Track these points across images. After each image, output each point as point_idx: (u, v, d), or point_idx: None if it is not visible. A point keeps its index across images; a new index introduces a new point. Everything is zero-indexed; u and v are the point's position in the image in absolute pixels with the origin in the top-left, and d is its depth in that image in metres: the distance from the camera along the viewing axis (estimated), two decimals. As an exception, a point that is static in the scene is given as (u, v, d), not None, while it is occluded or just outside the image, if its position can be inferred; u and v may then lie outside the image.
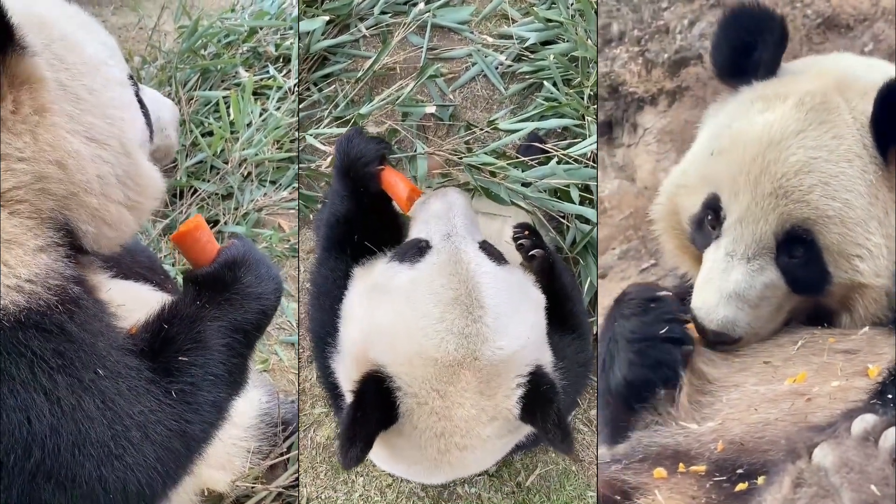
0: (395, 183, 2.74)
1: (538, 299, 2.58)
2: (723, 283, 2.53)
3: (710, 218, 2.63)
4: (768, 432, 2.32)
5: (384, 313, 2.39)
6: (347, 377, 2.47)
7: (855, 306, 2.54)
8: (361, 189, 2.77)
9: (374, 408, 2.27)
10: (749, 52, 2.72)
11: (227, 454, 2.82)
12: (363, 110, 3.35)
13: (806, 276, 2.53)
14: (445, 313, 2.29)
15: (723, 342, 2.56)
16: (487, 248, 2.51)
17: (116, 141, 2.09)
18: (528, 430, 2.52)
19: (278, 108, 4.06)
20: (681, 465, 2.33)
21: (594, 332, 3.11)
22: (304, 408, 3.23)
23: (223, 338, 2.21)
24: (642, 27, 3.84)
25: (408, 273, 2.43)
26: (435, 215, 2.57)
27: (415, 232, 2.61)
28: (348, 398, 2.37)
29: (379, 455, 2.60)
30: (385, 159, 2.81)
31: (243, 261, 2.29)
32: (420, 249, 2.47)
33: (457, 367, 2.27)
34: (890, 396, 2.27)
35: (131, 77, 2.34)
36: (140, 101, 2.33)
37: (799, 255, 2.51)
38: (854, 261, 2.47)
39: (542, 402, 2.30)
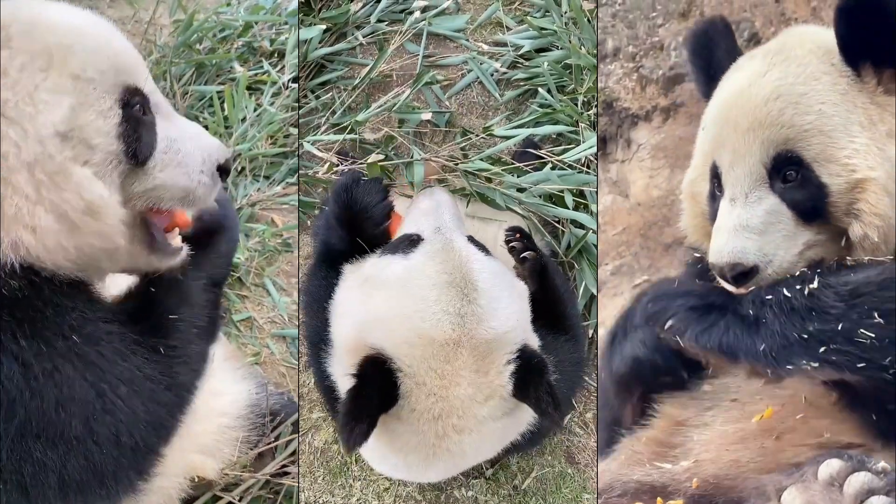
0: (399, 228, 2.74)
1: (522, 289, 2.63)
2: (728, 224, 2.54)
3: (716, 185, 2.67)
4: (741, 472, 2.40)
5: (380, 301, 2.44)
6: (343, 370, 2.50)
7: (860, 208, 2.49)
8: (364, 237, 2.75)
9: (376, 387, 2.32)
10: (714, 63, 2.82)
11: (216, 442, 2.87)
12: (360, 117, 3.37)
13: (804, 198, 2.52)
14: (441, 296, 2.36)
15: (743, 275, 2.53)
16: (474, 242, 2.56)
17: (29, 123, 1.92)
18: (522, 420, 2.59)
19: (272, 104, 4.05)
20: (658, 499, 2.40)
21: (590, 336, 3.19)
22: (301, 412, 3.25)
23: (204, 293, 2.40)
24: (637, 43, 3.84)
25: (402, 262, 2.48)
26: (424, 212, 2.62)
27: (405, 230, 2.64)
28: (344, 386, 2.41)
29: (376, 447, 2.59)
30: (392, 210, 2.79)
31: (219, 226, 2.47)
32: (412, 242, 2.52)
33: (454, 345, 2.33)
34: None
35: (131, 92, 2.11)
36: (131, 114, 2.09)
37: (791, 177, 2.53)
38: (844, 161, 2.48)
39: (531, 375, 2.36)
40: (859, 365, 2.30)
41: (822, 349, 2.35)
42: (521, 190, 3.10)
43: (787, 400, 2.50)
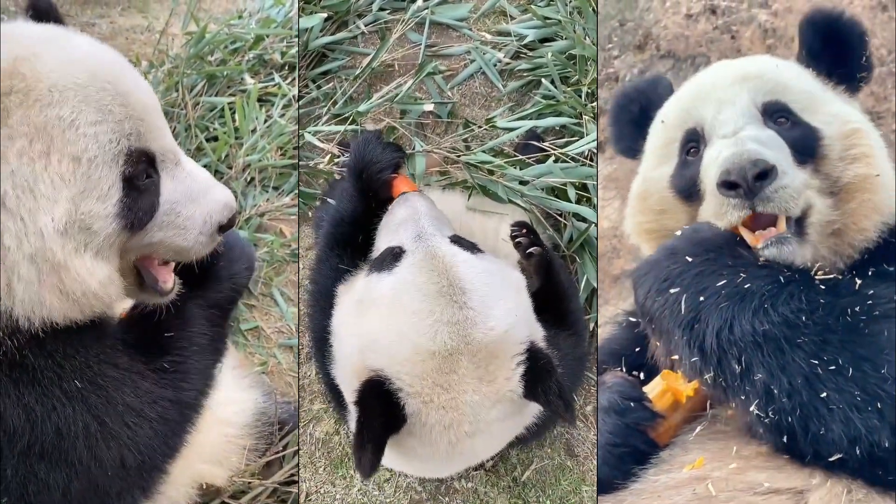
0: (404, 192, 2.73)
1: (518, 280, 2.57)
2: (733, 140, 2.51)
3: (693, 148, 2.68)
4: None
5: (374, 322, 2.40)
6: (349, 390, 2.49)
7: (857, 153, 2.53)
8: (371, 193, 2.77)
9: (379, 411, 2.28)
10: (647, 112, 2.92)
11: (224, 451, 2.87)
12: (362, 108, 3.37)
13: (799, 135, 2.55)
14: (433, 307, 2.30)
15: (762, 176, 2.42)
16: (459, 241, 2.51)
17: (29, 217, 1.89)
18: (528, 414, 2.55)
19: (282, 115, 4.07)
20: None
21: (591, 329, 3.13)
22: (303, 404, 3.26)
23: (203, 311, 2.43)
24: (593, 74, 3.90)
25: (388, 279, 2.42)
26: (401, 222, 2.58)
27: (384, 242, 2.60)
28: (352, 410, 2.39)
29: (393, 460, 2.61)
30: (399, 167, 2.82)
31: (215, 254, 2.43)
32: (395, 255, 2.47)
33: (454, 355, 2.27)
34: None
35: (136, 158, 2.04)
36: (132, 184, 2.04)
37: (783, 122, 2.58)
38: (834, 112, 2.59)
39: (541, 376, 2.31)
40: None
41: None
42: (523, 183, 3.08)
43: (717, 451, 2.47)
